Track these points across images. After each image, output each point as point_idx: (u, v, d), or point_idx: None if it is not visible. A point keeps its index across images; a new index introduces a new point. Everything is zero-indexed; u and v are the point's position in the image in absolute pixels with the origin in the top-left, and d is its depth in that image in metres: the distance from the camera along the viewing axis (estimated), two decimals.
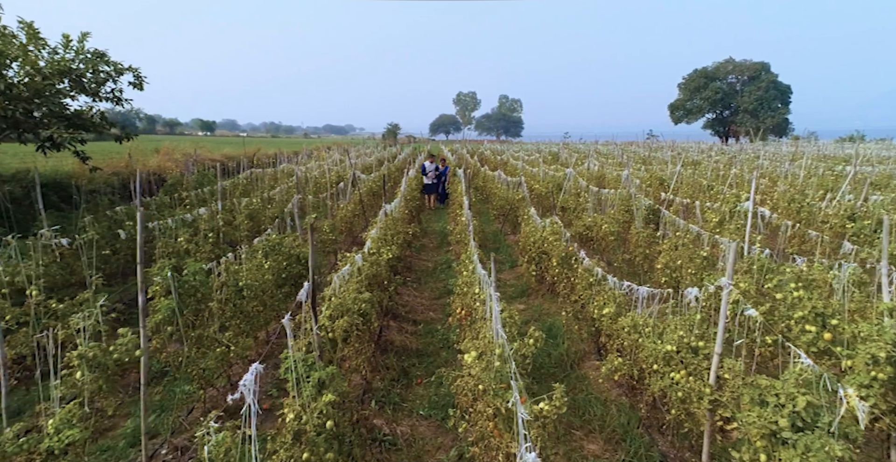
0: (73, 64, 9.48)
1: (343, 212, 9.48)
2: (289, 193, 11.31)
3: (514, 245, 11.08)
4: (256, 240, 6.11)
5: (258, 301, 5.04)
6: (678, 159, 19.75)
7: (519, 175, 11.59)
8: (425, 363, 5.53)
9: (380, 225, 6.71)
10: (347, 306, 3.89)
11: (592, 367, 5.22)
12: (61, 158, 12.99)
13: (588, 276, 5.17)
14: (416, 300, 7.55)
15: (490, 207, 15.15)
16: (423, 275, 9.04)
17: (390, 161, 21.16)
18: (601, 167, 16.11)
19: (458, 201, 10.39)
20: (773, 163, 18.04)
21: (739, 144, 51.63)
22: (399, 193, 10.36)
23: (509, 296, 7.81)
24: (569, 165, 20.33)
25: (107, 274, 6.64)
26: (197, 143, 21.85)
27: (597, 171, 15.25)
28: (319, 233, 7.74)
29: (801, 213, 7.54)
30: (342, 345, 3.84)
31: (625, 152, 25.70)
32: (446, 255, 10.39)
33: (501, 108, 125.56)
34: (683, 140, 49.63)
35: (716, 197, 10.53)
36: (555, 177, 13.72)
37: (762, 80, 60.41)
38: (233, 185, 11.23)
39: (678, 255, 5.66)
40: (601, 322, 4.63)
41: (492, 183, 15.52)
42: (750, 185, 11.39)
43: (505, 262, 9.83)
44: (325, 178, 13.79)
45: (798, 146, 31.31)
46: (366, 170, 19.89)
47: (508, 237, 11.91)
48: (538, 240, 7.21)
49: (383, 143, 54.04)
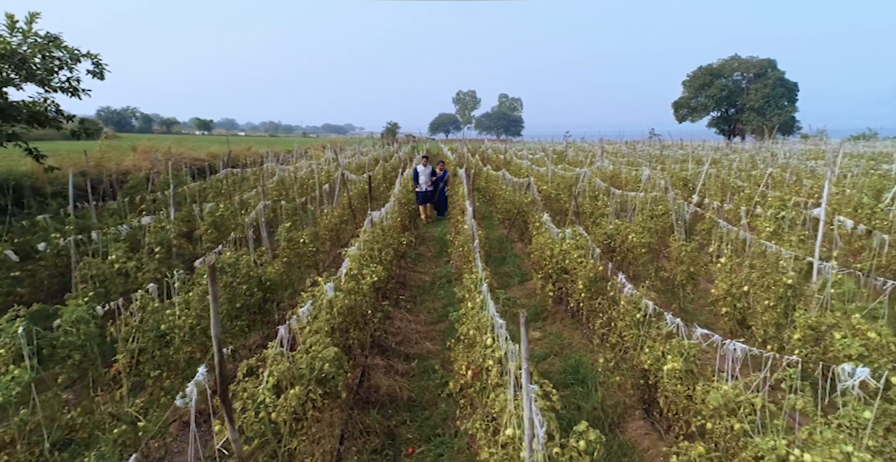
0: (19, 48, 8.26)
1: (328, 219, 8.22)
2: (268, 196, 10.05)
3: (522, 255, 9.83)
4: (203, 258, 4.86)
5: (196, 344, 3.79)
6: (690, 157, 18.53)
7: (527, 176, 10.34)
8: (419, 420, 4.28)
9: (364, 237, 5.46)
10: (300, 371, 2.64)
11: (641, 431, 3.95)
12: (19, 157, 11.77)
13: (633, 311, 3.92)
14: (409, 326, 6.29)
15: (494, 210, 13.89)
16: (420, 291, 7.79)
17: (386, 160, 19.87)
18: (615, 166, 14.79)
19: (460, 206, 9.14)
20: (799, 161, 16.78)
21: (752, 142, 50.37)
22: (392, 196, 9.10)
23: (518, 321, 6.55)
24: (578, 164, 19.10)
25: (24, 298, 5.31)
26: (181, 141, 20.59)
27: (610, 170, 13.96)
28: (295, 246, 6.49)
29: (875, 221, 6.28)
30: (292, 429, 2.58)
31: (635, 151, 24.42)
32: (446, 266, 9.14)
33: (501, 107, 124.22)
34: (686, 138, 48.30)
35: (749, 199, 9.28)
36: (565, 177, 12.46)
37: (769, 78, 59.06)
38: (201, 188, 9.93)
39: (745, 279, 4.40)
40: (656, 377, 3.39)
41: (495, 184, 14.25)
42: (792, 186, 10.14)
43: (513, 274, 8.58)
44: (314, 179, 12.55)
45: (820, 144, 30.05)
46: (360, 169, 18.64)
47: (516, 245, 10.65)
48: (556, 254, 5.96)
49: (381, 142, 52.76)
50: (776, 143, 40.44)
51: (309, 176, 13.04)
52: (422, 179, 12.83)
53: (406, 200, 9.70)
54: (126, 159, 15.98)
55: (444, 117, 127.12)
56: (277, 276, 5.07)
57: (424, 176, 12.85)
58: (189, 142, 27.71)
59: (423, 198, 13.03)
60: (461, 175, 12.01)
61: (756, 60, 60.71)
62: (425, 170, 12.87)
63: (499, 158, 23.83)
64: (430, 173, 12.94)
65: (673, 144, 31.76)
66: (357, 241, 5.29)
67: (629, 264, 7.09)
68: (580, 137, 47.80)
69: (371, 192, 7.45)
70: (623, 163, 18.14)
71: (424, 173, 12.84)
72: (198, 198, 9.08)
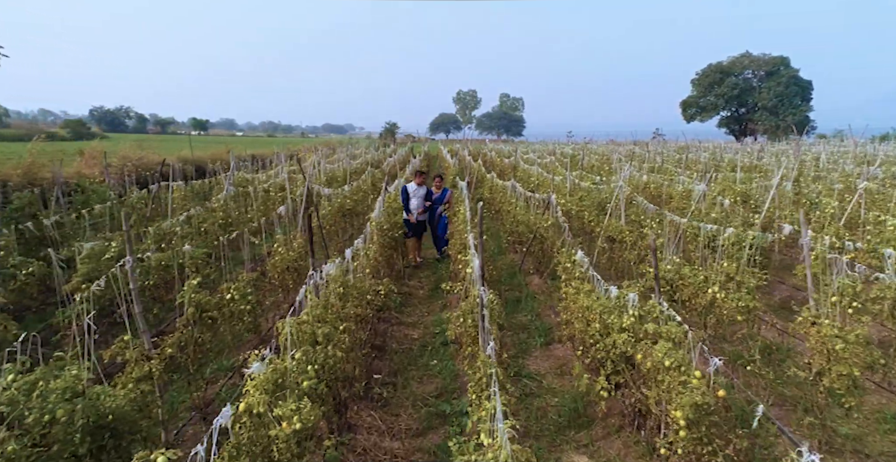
0: None
1: (279, 257, 5.97)
2: (203, 221, 7.75)
3: (541, 294, 7.58)
4: None
5: None
6: (724, 163, 16.26)
7: (540, 186, 8.09)
8: None
9: (298, 324, 3.21)
10: None
11: None
12: None
13: None
14: (381, 443, 4.02)
15: (501, 228, 11.64)
16: (404, 362, 5.53)
17: (376, 166, 17.51)
18: (646, 175, 12.38)
19: (460, 238, 6.85)
20: (840, 164, 14.47)
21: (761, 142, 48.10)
22: (370, 225, 6.87)
23: (550, 428, 4.28)
24: (594, 171, 16.85)
25: None
26: (165, 142, 18.34)
27: (643, 181, 11.61)
28: (215, 307, 4.24)
29: None
30: None
31: (651, 152, 22.08)
32: (442, 313, 6.90)
33: (503, 107, 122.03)
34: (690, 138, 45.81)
35: (825, 220, 6.99)
36: (590, 190, 10.20)
37: (782, 76, 56.73)
38: (108, 213, 7.56)
39: None
40: None
41: (501, 195, 11.97)
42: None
43: (532, 329, 6.33)
44: (285, 193, 10.30)
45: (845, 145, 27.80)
46: (353, 175, 16.35)
47: (531, 279, 8.38)
48: (616, 336, 3.71)
49: (379, 142, 50.48)
50: (803, 144, 38.19)
51: (278, 188, 10.77)
52: (413, 204, 8.82)
53: (390, 225, 7.44)
54: (72, 165, 13.76)
55: (444, 117, 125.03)
56: (137, 403, 2.83)
57: (417, 199, 8.85)
58: (171, 143, 25.41)
59: (414, 229, 9.00)
60: (462, 188, 9.73)
61: (768, 58, 58.40)
62: (418, 191, 8.86)
63: (503, 162, 21.51)
64: (425, 195, 8.94)
65: (692, 145, 29.42)
66: (284, 330, 3.03)
67: (702, 325, 4.83)
68: (583, 137, 45.70)
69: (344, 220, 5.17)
70: (646, 169, 15.86)
71: (417, 196, 8.84)
72: (118, 222, 6.82)
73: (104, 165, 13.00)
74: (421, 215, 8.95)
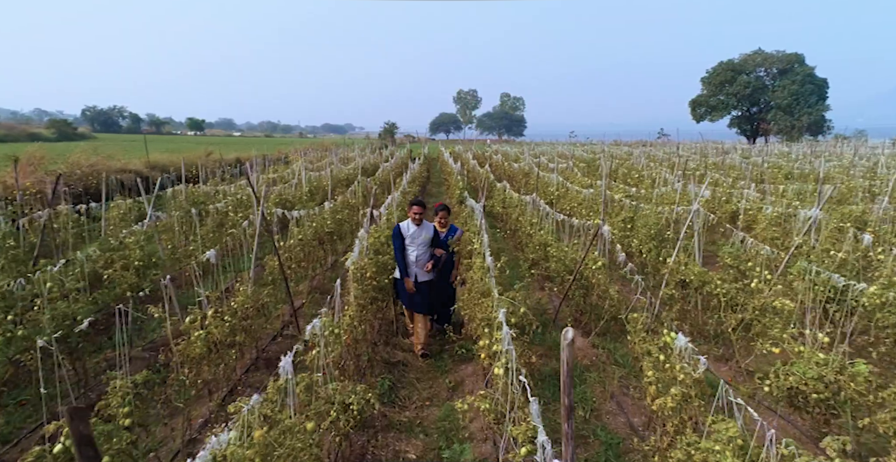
0: None
1: (194, 343, 3.77)
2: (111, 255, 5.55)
3: (593, 367, 5.32)
4: None
5: None
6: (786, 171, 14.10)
7: (599, 220, 5.93)
8: None
9: None
10: None
11: None
12: None
13: None
14: None
15: (516, 249, 9.42)
16: None
17: (367, 174, 15.22)
18: (707, 189, 9.82)
19: (477, 285, 4.59)
20: None
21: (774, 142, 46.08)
22: (350, 279, 4.70)
23: None
24: (619, 179, 14.67)
25: None
26: (96, 147, 16.18)
27: (703, 197, 9.15)
28: None
29: None
30: None
31: (685, 157, 19.83)
32: (449, 399, 4.69)
33: (503, 107, 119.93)
34: (696, 139, 43.60)
35: None
36: (637, 210, 8.00)
37: (796, 73, 54.51)
38: None
39: None
40: None
41: (518, 212, 9.75)
42: None
43: (591, 435, 4.13)
44: (252, 213, 8.12)
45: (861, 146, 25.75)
46: (344, 183, 14.14)
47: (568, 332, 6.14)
48: None
49: (378, 142, 48.24)
50: (820, 145, 36.11)
51: (238, 206, 8.57)
52: (413, 254, 5.42)
53: (373, 279, 5.22)
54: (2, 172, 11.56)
55: (444, 117, 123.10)
56: None
57: (418, 248, 5.44)
58: (156, 143, 23.09)
59: (414, 300, 5.49)
60: (476, 211, 7.52)
61: (782, 55, 56.17)
62: (418, 233, 5.43)
63: (512, 168, 19.23)
64: (431, 241, 5.54)
65: (712, 146, 27.25)
66: None
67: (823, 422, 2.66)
68: (585, 137, 43.77)
69: None
70: (687, 178, 13.62)
71: (417, 244, 5.43)
72: None
73: (43, 173, 10.82)
74: (428, 271, 5.49)
